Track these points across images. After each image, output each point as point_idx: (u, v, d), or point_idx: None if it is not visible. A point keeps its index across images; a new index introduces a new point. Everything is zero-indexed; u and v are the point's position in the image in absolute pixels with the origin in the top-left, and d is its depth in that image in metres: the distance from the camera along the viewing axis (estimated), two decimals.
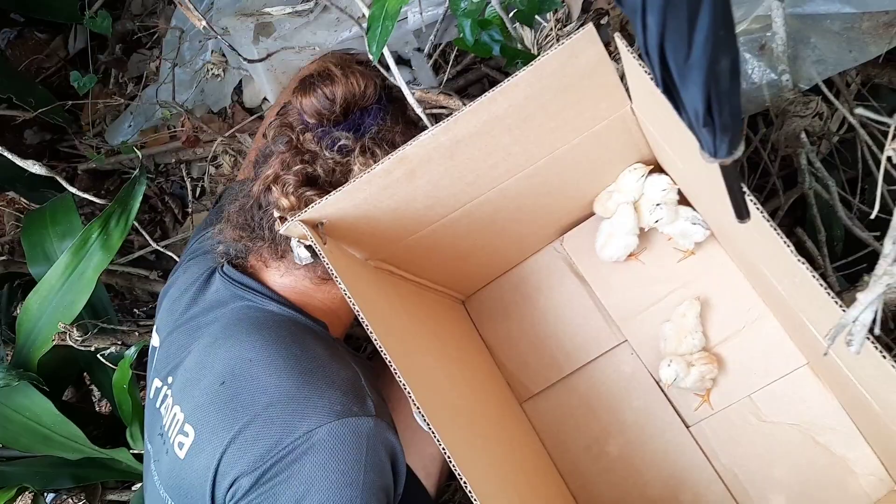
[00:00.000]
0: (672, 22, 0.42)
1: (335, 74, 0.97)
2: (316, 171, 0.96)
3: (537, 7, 1.00)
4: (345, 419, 0.85)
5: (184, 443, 0.92)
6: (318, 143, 0.98)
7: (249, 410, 0.87)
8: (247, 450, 0.85)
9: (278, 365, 0.90)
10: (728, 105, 0.50)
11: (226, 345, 0.95)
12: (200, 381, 0.94)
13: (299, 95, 0.98)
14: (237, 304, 0.99)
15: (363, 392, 0.90)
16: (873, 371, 0.77)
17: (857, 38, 1.05)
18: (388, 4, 0.81)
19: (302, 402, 0.86)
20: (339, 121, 0.98)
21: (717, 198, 0.93)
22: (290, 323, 0.97)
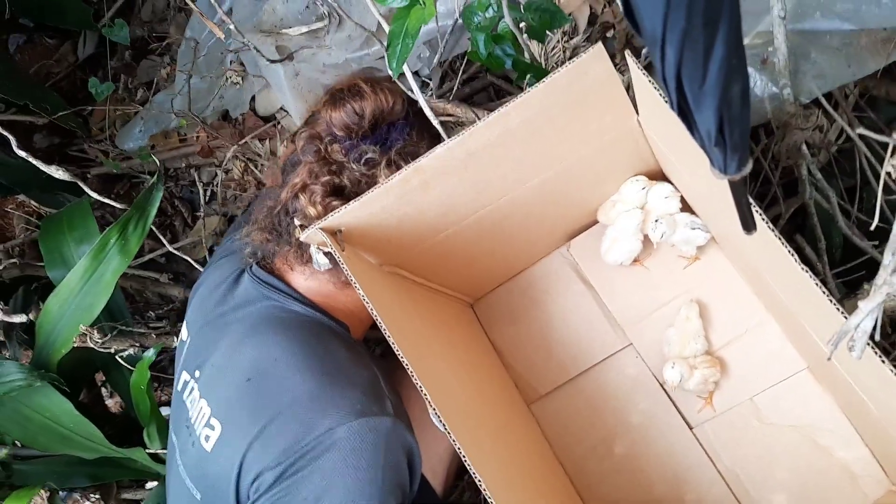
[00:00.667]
0: (689, 52, 0.46)
1: (365, 91, 1.01)
2: (343, 181, 1.00)
3: (548, 23, 1.04)
4: (365, 418, 0.88)
5: (210, 436, 0.96)
6: (345, 155, 1.02)
7: (274, 407, 0.91)
8: (271, 445, 0.89)
9: (302, 364, 0.94)
10: (738, 127, 0.53)
11: (252, 342, 0.98)
12: (227, 377, 0.98)
13: (329, 109, 1.02)
14: (264, 303, 1.03)
15: (382, 393, 0.94)
16: (872, 375, 0.80)
17: (856, 54, 1.09)
18: (408, 23, 0.84)
19: (324, 401, 0.90)
20: (367, 135, 1.02)
21: (722, 207, 0.97)
22: (313, 324, 1.01)
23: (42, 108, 1.75)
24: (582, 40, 1.29)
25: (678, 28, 0.44)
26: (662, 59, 0.47)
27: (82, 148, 2.17)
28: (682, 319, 1.22)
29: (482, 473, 0.81)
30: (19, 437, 1.26)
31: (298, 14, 1.49)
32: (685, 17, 0.43)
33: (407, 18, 0.85)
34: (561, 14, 1.07)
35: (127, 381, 1.32)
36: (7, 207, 2.21)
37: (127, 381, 1.32)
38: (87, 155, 2.17)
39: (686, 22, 0.43)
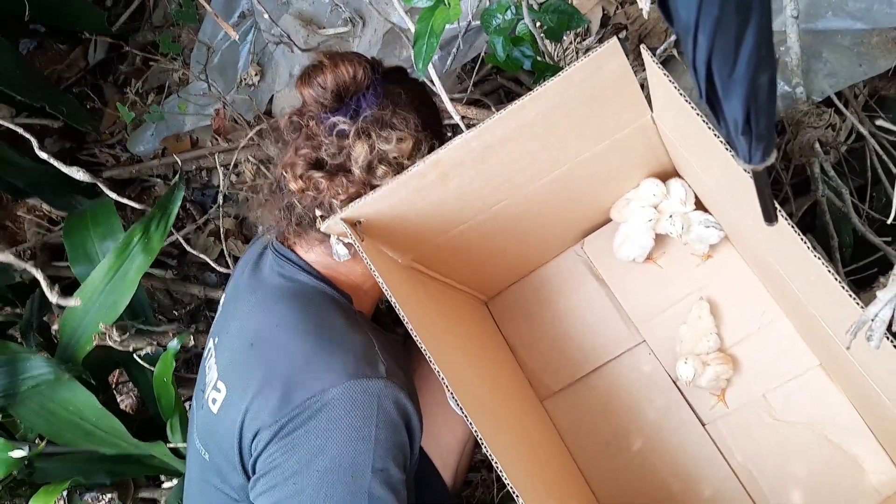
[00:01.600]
0: (721, 41, 0.47)
1: (325, 64, 1.03)
2: (321, 155, 1.03)
3: (566, 24, 1.06)
4: (357, 380, 0.92)
5: (217, 398, 1.01)
6: (319, 128, 1.04)
7: (271, 369, 0.95)
8: (267, 405, 0.92)
9: (300, 330, 0.98)
10: (765, 116, 0.55)
11: (261, 311, 1.04)
12: (235, 343, 1.03)
13: (300, 87, 1.05)
14: (276, 272, 1.09)
15: (376, 357, 0.97)
16: (888, 367, 0.81)
17: (867, 53, 1.10)
18: (433, 22, 0.86)
19: (318, 364, 0.94)
20: (336, 107, 1.04)
21: (736, 202, 0.99)
22: (316, 293, 1.05)
23: (59, 111, 1.77)
24: (595, 41, 1.32)
25: (711, 16, 0.45)
26: (694, 47, 0.48)
27: (93, 152, 2.19)
28: (694, 318, 1.23)
29: (498, 456, 0.82)
30: (45, 432, 1.28)
31: (325, 17, 1.52)
32: (719, 6, 0.44)
33: (432, 18, 0.87)
34: (578, 15, 1.09)
35: (147, 376, 1.33)
36: (18, 211, 2.23)
37: (147, 377, 1.33)
38: (98, 159, 2.18)
39: (719, 10, 0.45)
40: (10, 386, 1.24)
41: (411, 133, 1.03)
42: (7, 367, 1.25)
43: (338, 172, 1.01)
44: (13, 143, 1.76)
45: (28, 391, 1.23)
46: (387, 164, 1.02)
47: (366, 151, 1.00)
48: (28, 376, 1.24)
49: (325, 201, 1.02)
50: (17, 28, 2.11)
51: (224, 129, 1.86)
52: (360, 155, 1.00)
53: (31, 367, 1.25)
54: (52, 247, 2.14)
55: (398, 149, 1.02)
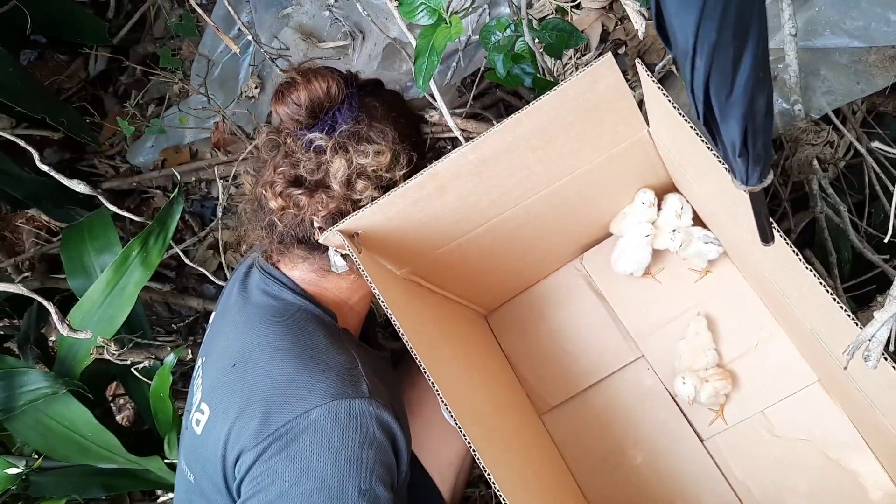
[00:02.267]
0: (718, 64, 0.48)
1: (297, 80, 1.03)
2: (300, 172, 1.03)
3: (565, 41, 1.06)
4: (339, 400, 0.91)
5: (200, 420, 1.00)
6: (297, 145, 1.04)
7: (253, 391, 0.94)
8: (248, 427, 0.92)
9: (281, 349, 0.97)
10: (761, 138, 0.55)
11: (244, 331, 1.03)
12: (218, 364, 1.02)
13: (274, 104, 1.05)
14: (261, 290, 1.08)
15: (358, 376, 0.96)
16: (885, 387, 0.81)
17: (865, 71, 1.11)
18: (434, 40, 0.86)
19: (300, 385, 0.93)
20: (311, 123, 1.04)
21: (734, 218, 0.99)
22: (300, 311, 1.05)
23: (59, 123, 1.78)
24: (594, 57, 1.32)
25: (709, 41, 0.45)
26: (692, 70, 0.49)
27: (92, 163, 2.19)
28: (691, 334, 1.23)
29: (493, 470, 0.82)
30: (40, 447, 1.27)
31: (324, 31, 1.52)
32: (716, 30, 0.45)
33: (433, 36, 0.87)
34: (577, 33, 1.09)
35: (144, 391, 1.33)
36: (17, 222, 2.23)
37: (144, 392, 1.33)
38: (97, 170, 2.19)
39: (717, 34, 0.45)
40: (8, 400, 1.23)
41: (389, 145, 1.03)
42: (4, 381, 1.25)
43: (317, 188, 1.02)
44: (12, 154, 1.76)
45: (25, 405, 1.22)
46: (366, 177, 1.02)
47: (344, 166, 1.00)
48: (26, 390, 1.24)
49: (305, 218, 1.02)
50: (18, 39, 2.12)
51: (223, 142, 1.86)
52: (338, 170, 1.00)
53: (28, 382, 1.24)
54: (50, 258, 2.14)
55: (376, 162, 1.02)
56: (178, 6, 2.14)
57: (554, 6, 1.36)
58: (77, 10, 2.05)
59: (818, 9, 1.10)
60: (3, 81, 1.64)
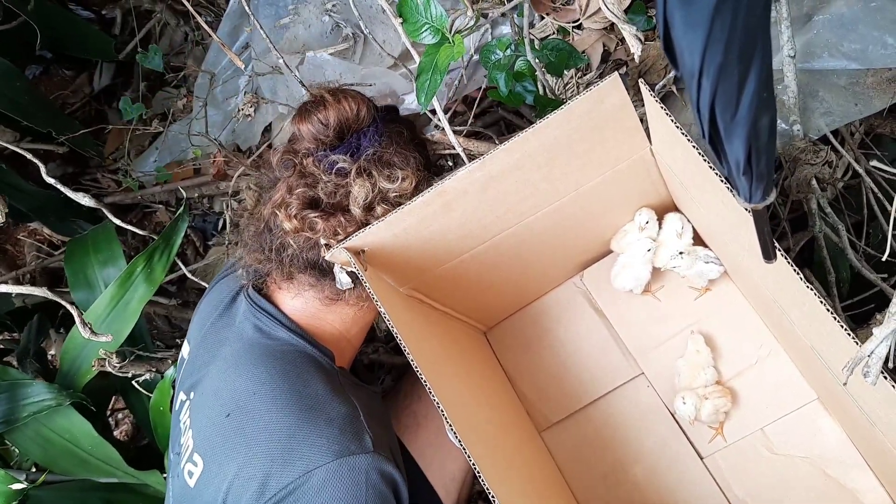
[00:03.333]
0: (724, 85, 0.49)
1: (328, 100, 1.01)
2: (317, 193, 1.00)
3: (566, 61, 1.08)
4: (342, 459, 0.88)
5: (193, 472, 0.96)
6: (317, 166, 1.01)
7: (252, 446, 0.91)
8: (248, 486, 0.88)
9: (280, 400, 0.93)
10: (765, 157, 0.56)
11: (235, 373, 0.99)
12: (210, 410, 0.98)
13: (298, 122, 1.03)
14: (253, 324, 1.04)
15: (361, 428, 0.93)
16: (884, 403, 0.82)
17: (863, 93, 1.13)
18: (438, 59, 0.88)
19: (301, 441, 0.89)
20: (336, 144, 1.02)
21: (734, 236, 1.00)
22: (295, 354, 1.01)
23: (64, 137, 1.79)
24: (595, 76, 1.34)
25: (715, 62, 0.47)
26: (698, 90, 0.50)
27: (95, 177, 2.20)
28: (692, 352, 1.24)
29: (496, 489, 0.82)
30: (40, 460, 1.27)
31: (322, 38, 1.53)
32: (722, 53, 0.46)
33: (436, 55, 0.89)
34: (577, 53, 1.11)
35: (144, 405, 1.33)
36: (19, 235, 2.24)
37: (144, 406, 1.33)
38: (100, 184, 2.20)
39: (723, 57, 0.46)
40: (10, 412, 1.23)
41: (413, 172, 1.02)
42: (8, 393, 1.25)
43: (335, 212, 0.99)
44: (16, 167, 1.78)
45: (28, 418, 1.22)
46: (387, 203, 1.00)
47: (367, 190, 0.98)
48: (29, 402, 1.24)
49: (318, 242, 0.99)
50: (25, 54, 2.14)
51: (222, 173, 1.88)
52: (360, 194, 0.98)
53: (31, 394, 1.24)
54: (51, 271, 2.15)
55: (400, 188, 1.00)
56: (183, 23, 2.16)
57: (555, 26, 1.38)
58: (84, 25, 2.07)
59: (816, 31, 1.12)
60: (10, 96, 1.66)
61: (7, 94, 1.65)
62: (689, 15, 0.44)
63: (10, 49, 1.81)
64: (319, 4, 1.52)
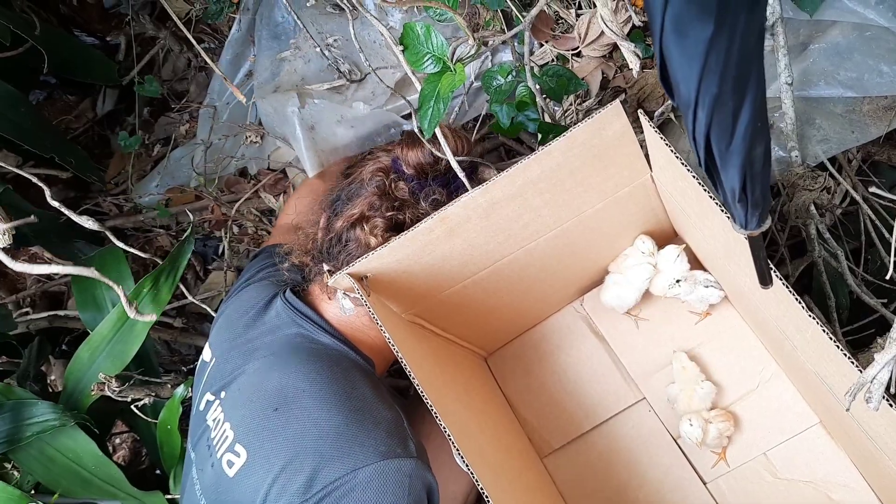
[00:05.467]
0: (719, 115, 0.50)
1: (447, 135, 1.03)
2: (404, 218, 1.04)
3: (566, 86, 1.09)
4: (389, 460, 0.90)
5: (234, 462, 0.97)
6: (412, 194, 1.06)
7: (300, 441, 0.92)
8: (295, 480, 0.89)
9: (329, 399, 0.95)
10: (760, 185, 0.57)
11: (279, 370, 1.00)
12: (254, 404, 0.99)
13: (406, 148, 1.07)
14: (293, 330, 1.06)
15: (406, 434, 0.96)
16: (888, 427, 0.82)
17: (859, 120, 1.14)
18: (440, 87, 0.89)
19: (350, 440, 0.91)
20: (438, 177, 1.07)
21: (733, 261, 1.01)
22: (341, 358, 1.03)
23: (67, 162, 1.81)
24: (594, 103, 1.35)
25: (710, 93, 0.48)
26: (694, 120, 0.51)
27: (96, 202, 2.21)
28: (678, 370, 1.24)
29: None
30: (43, 479, 1.26)
31: (320, 72, 1.55)
32: (717, 84, 0.47)
33: (438, 83, 0.90)
34: (576, 79, 1.13)
35: (149, 425, 1.33)
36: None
37: (149, 426, 1.33)
38: (102, 209, 2.21)
39: (718, 88, 0.47)
40: (14, 431, 1.23)
41: None
42: (12, 412, 1.25)
43: None
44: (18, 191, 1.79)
45: (32, 437, 1.22)
46: None
47: None
48: (34, 422, 1.23)
49: None
50: (29, 79, 2.16)
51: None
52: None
53: (36, 413, 1.24)
54: (51, 295, 2.15)
55: None
56: (186, 49, 2.19)
57: (555, 53, 1.40)
58: (88, 51, 2.10)
59: (813, 60, 1.14)
60: (14, 120, 1.68)
61: (11, 118, 1.67)
62: (684, 47, 0.45)
63: (15, 74, 1.83)
64: (320, 40, 1.55)
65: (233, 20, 1.84)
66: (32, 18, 1.82)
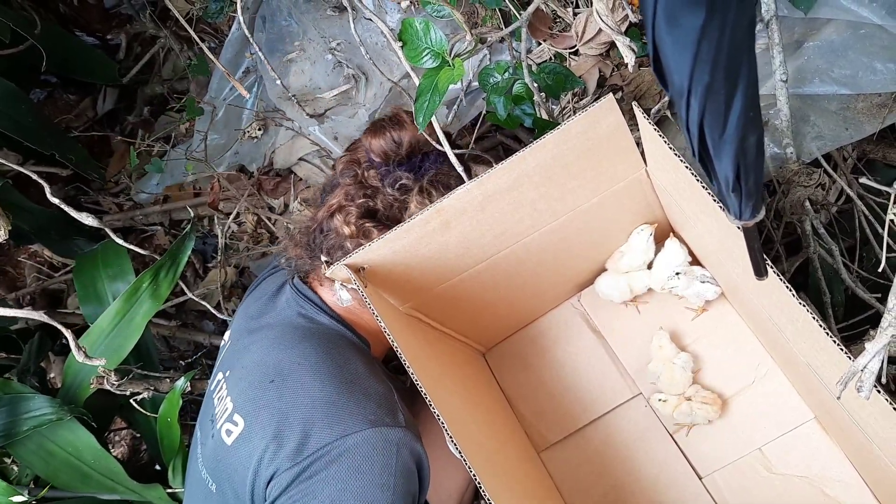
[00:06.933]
0: (711, 104, 0.51)
1: (405, 121, 1.07)
2: (376, 205, 1.07)
3: (563, 84, 1.10)
4: (378, 427, 0.93)
5: (232, 430, 1.00)
6: (381, 180, 1.08)
7: (292, 409, 0.95)
8: (286, 446, 0.92)
9: (322, 371, 0.99)
10: (753, 174, 0.58)
11: (280, 347, 1.04)
12: (253, 377, 1.03)
13: (369, 136, 1.09)
14: (296, 311, 1.10)
15: (395, 406, 0.98)
16: (879, 417, 0.83)
17: (853, 117, 1.15)
18: (438, 81, 0.90)
19: (340, 408, 0.94)
20: (403, 162, 1.08)
21: (729, 255, 1.02)
22: (337, 336, 1.07)
23: (67, 160, 1.81)
24: (591, 101, 1.36)
25: (703, 82, 0.49)
26: (687, 110, 0.52)
27: (96, 200, 2.22)
28: (655, 348, 1.26)
29: (496, 500, 0.83)
30: (42, 473, 1.27)
31: (326, 74, 1.57)
32: (709, 73, 0.48)
33: (436, 77, 0.91)
34: (573, 77, 1.14)
35: (149, 420, 1.34)
36: (19, 257, 2.25)
37: (149, 420, 1.33)
38: (101, 207, 2.21)
39: (710, 77, 0.48)
40: (11, 426, 1.24)
41: None
42: (9, 406, 1.25)
43: (389, 224, 1.04)
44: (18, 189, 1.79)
45: (29, 431, 1.23)
46: None
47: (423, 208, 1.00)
48: (31, 416, 1.24)
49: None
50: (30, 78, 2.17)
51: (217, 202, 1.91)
52: (416, 210, 1.02)
53: (33, 407, 1.25)
54: (51, 293, 2.16)
55: None
56: (187, 48, 2.19)
57: (552, 51, 1.41)
58: (89, 50, 2.11)
59: (807, 57, 1.15)
60: (15, 118, 1.68)
61: (12, 116, 1.68)
62: (676, 36, 0.46)
63: (16, 72, 1.83)
64: (323, 43, 1.56)
65: (233, 19, 1.85)
66: (33, 16, 1.82)
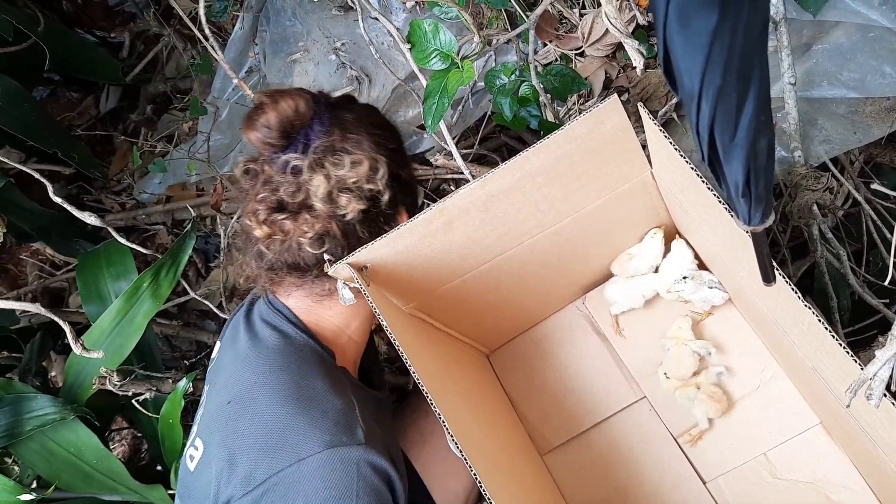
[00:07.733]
0: (722, 107, 0.50)
1: (265, 103, 1.00)
2: (281, 196, 1.00)
3: (569, 86, 1.09)
4: (334, 448, 0.89)
5: (194, 456, 0.98)
6: (274, 170, 1.02)
7: (246, 433, 0.92)
8: (240, 472, 0.89)
9: (279, 391, 0.95)
10: (763, 179, 0.57)
11: (243, 365, 1.01)
12: (217, 398, 1.00)
13: (245, 132, 1.02)
14: (262, 319, 1.07)
15: (354, 422, 0.94)
16: (888, 424, 0.82)
17: (861, 121, 1.14)
18: (447, 82, 0.89)
19: (295, 431, 0.91)
20: (285, 145, 1.01)
21: (735, 259, 1.01)
22: (300, 348, 1.03)
23: (70, 158, 1.81)
24: (597, 103, 1.35)
25: (714, 85, 0.48)
26: (698, 113, 0.51)
27: (98, 198, 2.22)
28: (674, 329, 1.26)
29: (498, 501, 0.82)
30: (44, 473, 1.27)
31: (329, 75, 1.56)
32: (721, 76, 0.47)
33: (445, 79, 0.90)
34: (579, 79, 1.13)
35: (151, 420, 1.33)
36: (21, 255, 2.25)
37: (150, 420, 1.33)
38: (103, 205, 2.21)
39: (721, 80, 0.47)
40: (14, 425, 1.23)
41: (365, 154, 1.00)
42: (11, 406, 1.25)
43: (300, 210, 0.99)
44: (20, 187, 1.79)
45: (31, 431, 1.22)
46: (347, 191, 0.99)
47: (323, 182, 0.98)
48: (34, 416, 1.24)
49: (292, 243, 1.00)
50: (33, 76, 2.17)
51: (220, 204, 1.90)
52: (318, 187, 0.98)
53: (36, 407, 1.25)
54: (52, 291, 2.15)
55: (354, 172, 0.99)
56: (190, 47, 2.19)
57: (559, 53, 1.40)
58: (92, 49, 2.11)
59: (816, 60, 1.14)
60: (18, 116, 1.68)
61: (14, 114, 1.67)
62: (688, 38, 0.45)
63: (19, 70, 1.83)
64: (328, 44, 1.55)
65: (236, 18, 1.85)
66: (36, 14, 1.82)
